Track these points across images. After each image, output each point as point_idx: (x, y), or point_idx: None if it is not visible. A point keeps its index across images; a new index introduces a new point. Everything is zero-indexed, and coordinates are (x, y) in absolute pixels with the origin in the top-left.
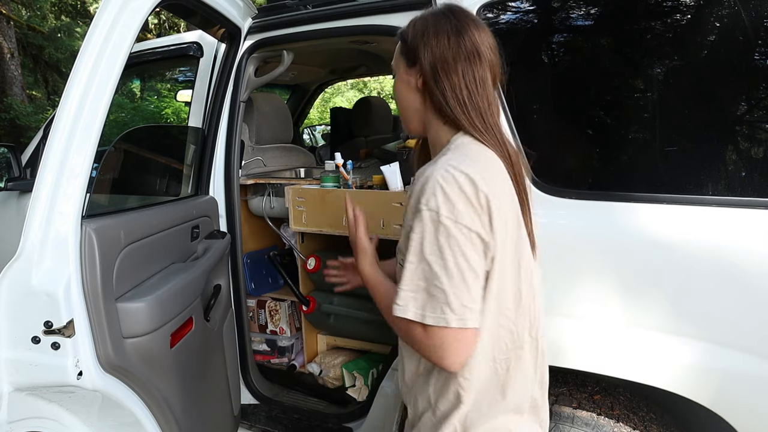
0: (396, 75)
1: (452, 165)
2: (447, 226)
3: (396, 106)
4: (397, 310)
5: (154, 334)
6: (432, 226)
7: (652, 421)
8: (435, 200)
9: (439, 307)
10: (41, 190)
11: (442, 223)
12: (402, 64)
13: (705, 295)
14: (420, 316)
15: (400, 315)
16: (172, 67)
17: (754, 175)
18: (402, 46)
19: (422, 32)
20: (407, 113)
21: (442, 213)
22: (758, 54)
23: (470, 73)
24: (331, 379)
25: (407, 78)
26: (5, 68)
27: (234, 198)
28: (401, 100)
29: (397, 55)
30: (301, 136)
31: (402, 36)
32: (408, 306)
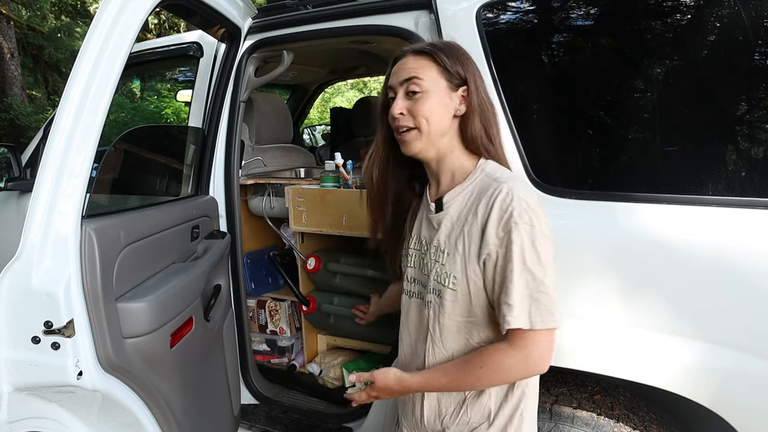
0: (431, 94)
1: (520, 184)
2: (539, 236)
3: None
4: (513, 323)
5: (154, 334)
6: (529, 237)
7: (652, 421)
8: (527, 215)
9: (548, 311)
10: (41, 190)
11: (537, 235)
12: (443, 85)
13: (705, 295)
14: (529, 323)
15: (515, 326)
16: (172, 67)
17: (754, 175)
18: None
19: (467, 65)
20: (434, 133)
21: (535, 226)
22: (758, 54)
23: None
24: (331, 379)
25: (447, 101)
26: (5, 68)
27: (234, 198)
28: (435, 118)
29: (434, 74)
30: (301, 136)
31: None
32: (520, 316)
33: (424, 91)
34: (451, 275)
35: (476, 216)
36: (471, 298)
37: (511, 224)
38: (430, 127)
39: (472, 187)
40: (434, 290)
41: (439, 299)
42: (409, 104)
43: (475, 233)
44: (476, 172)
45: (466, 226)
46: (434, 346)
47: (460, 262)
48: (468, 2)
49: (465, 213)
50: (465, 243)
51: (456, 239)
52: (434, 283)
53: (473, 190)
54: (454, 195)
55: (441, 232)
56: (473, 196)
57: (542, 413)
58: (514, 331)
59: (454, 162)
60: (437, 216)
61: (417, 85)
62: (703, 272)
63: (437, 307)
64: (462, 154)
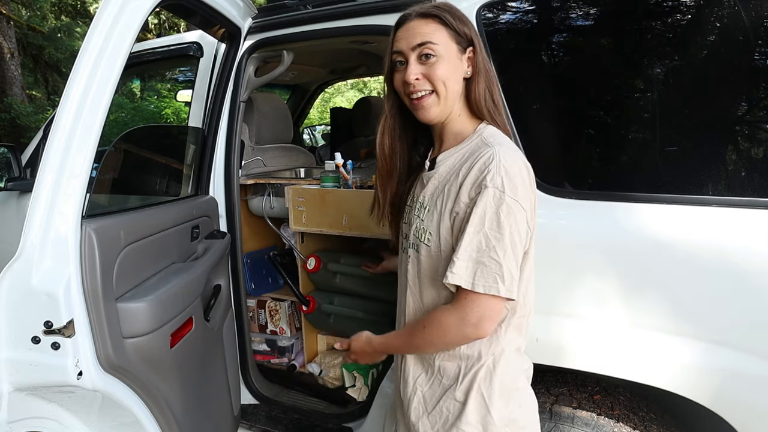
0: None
1: (511, 150)
2: (509, 204)
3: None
4: (451, 278)
5: (154, 334)
6: (494, 202)
7: (652, 421)
8: (500, 180)
9: (492, 277)
10: (41, 190)
11: (505, 201)
12: (454, 49)
13: (705, 295)
14: (471, 285)
15: (452, 282)
16: (172, 67)
17: (754, 175)
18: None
19: (466, 19)
20: (451, 97)
21: (506, 192)
22: (758, 54)
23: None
24: (331, 379)
25: (458, 64)
26: (5, 68)
27: (234, 198)
28: (451, 81)
29: (446, 40)
30: (301, 136)
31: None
32: (461, 274)
33: (438, 55)
34: (427, 231)
35: (457, 176)
36: (441, 254)
37: (482, 186)
38: (447, 90)
39: (466, 149)
40: (413, 245)
41: (416, 254)
42: (423, 69)
43: (452, 192)
44: (473, 136)
45: (447, 184)
46: (413, 300)
47: (436, 219)
48: (468, 2)
49: (451, 173)
50: (443, 201)
51: (437, 197)
52: (413, 237)
53: (465, 152)
54: (448, 155)
55: (427, 189)
56: (464, 158)
57: (542, 413)
58: (458, 291)
59: (458, 125)
60: (428, 174)
61: (431, 49)
62: (703, 272)
63: (415, 262)
64: (466, 118)
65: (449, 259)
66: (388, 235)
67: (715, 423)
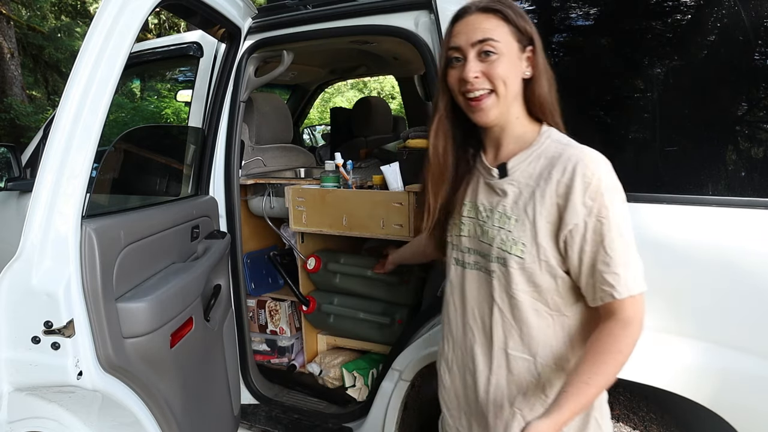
0: (504, 57)
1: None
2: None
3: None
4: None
5: (154, 334)
6: (620, 206)
7: (652, 421)
8: (612, 182)
9: (640, 273)
10: (41, 190)
11: (624, 202)
12: (515, 46)
13: (705, 295)
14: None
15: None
16: (172, 67)
17: (754, 175)
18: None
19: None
20: (510, 97)
21: (620, 191)
22: (758, 54)
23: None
24: (331, 379)
25: (518, 63)
26: (5, 68)
27: (234, 198)
28: (511, 81)
29: (506, 37)
30: (301, 136)
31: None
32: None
33: (499, 53)
34: (519, 242)
35: (548, 182)
36: (540, 265)
37: (601, 192)
38: (507, 90)
39: (539, 153)
40: (498, 258)
41: (504, 268)
42: (483, 67)
43: (548, 200)
44: (541, 138)
45: (538, 191)
46: (503, 319)
47: (529, 228)
48: (468, 2)
49: (535, 179)
50: (536, 209)
51: (525, 205)
52: (498, 251)
53: (540, 156)
54: (520, 160)
55: (508, 198)
56: (542, 162)
57: None
58: (622, 301)
59: (518, 128)
60: (501, 182)
61: (492, 46)
62: (703, 272)
63: (503, 277)
64: (525, 120)
65: (551, 268)
66: (386, 234)
67: (715, 423)
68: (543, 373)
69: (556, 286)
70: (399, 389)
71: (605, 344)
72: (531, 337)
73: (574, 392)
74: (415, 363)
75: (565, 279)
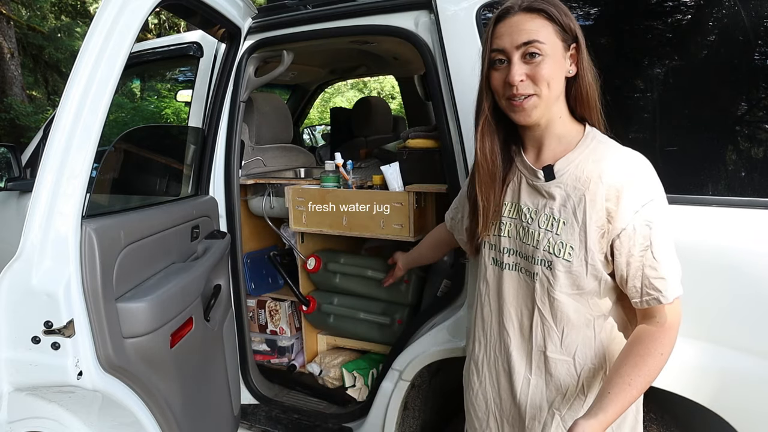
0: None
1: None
2: (667, 208)
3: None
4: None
5: (154, 334)
6: (664, 211)
7: (652, 421)
8: (658, 187)
9: (679, 280)
10: (41, 190)
11: (667, 206)
12: (560, 46)
13: (705, 295)
14: (680, 290)
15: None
16: (172, 67)
17: (753, 175)
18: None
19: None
20: (553, 98)
21: (664, 196)
22: (758, 54)
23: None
24: (331, 379)
25: (562, 63)
26: (5, 68)
27: (234, 198)
28: (555, 82)
29: (551, 36)
30: (301, 136)
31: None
32: (676, 287)
33: (545, 54)
34: (567, 245)
35: (598, 186)
36: (587, 269)
37: (650, 198)
38: (551, 92)
39: (586, 155)
40: (543, 261)
41: (550, 271)
42: (528, 69)
43: (599, 204)
44: (587, 139)
45: (588, 194)
46: (543, 321)
47: (578, 232)
48: (468, 2)
49: (583, 182)
50: (587, 213)
51: (574, 208)
52: (544, 253)
53: (588, 158)
54: (567, 162)
55: (555, 201)
56: (590, 164)
57: None
58: (665, 305)
59: (561, 128)
60: (548, 184)
61: (537, 48)
62: (703, 272)
63: (546, 279)
64: (568, 120)
65: (596, 271)
66: (386, 234)
67: (715, 423)
68: (582, 374)
69: (599, 289)
70: (399, 389)
71: (647, 347)
72: (571, 339)
73: (617, 392)
74: (415, 363)
75: (608, 282)
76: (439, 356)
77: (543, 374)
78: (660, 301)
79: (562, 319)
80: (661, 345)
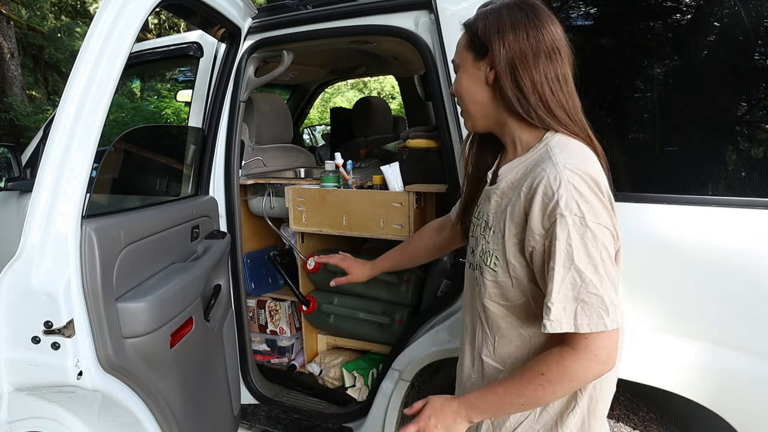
0: (461, 69)
1: (574, 165)
2: (592, 229)
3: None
4: (550, 326)
5: (154, 334)
6: (577, 231)
7: (652, 421)
8: (576, 204)
9: (596, 313)
10: (41, 190)
11: (588, 227)
12: (469, 57)
13: (705, 295)
14: (575, 326)
15: (552, 331)
16: (172, 67)
17: (754, 175)
18: (469, 37)
19: (497, 25)
20: (472, 109)
21: (586, 217)
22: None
23: (551, 70)
24: (331, 379)
25: (475, 72)
26: (5, 68)
27: (234, 198)
28: (467, 95)
29: (461, 49)
30: (301, 136)
31: (470, 27)
32: (561, 320)
33: (457, 69)
34: (493, 255)
35: (519, 196)
36: (511, 282)
37: (557, 215)
38: (465, 103)
39: (529, 162)
40: (477, 266)
41: (481, 277)
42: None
43: (517, 215)
44: (539, 145)
45: (509, 205)
46: (481, 325)
47: (501, 243)
48: (468, 2)
49: (513, 189)
50: (506, 224)
51: (500, 217)
52: (478, 259)
53: (528, 165)
54: (509, 169)
55: (491, 207)
56: (525, 172)
57: None
58: (571, 334)
59: (511, 133)
60: (490, 189)
61: (455, 66)
62: (703, 272)
63: (481, 286)
64: (518, 125)
65: (521, 285)
66: (386, 234)
67: (715, 423)
68: None
69: (528, 303)
70: (399, 389)
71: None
72: (503, 348)
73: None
74: (415, 363)
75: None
76: (439, 356)
77: (481, 377)
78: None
79: (493, 327)
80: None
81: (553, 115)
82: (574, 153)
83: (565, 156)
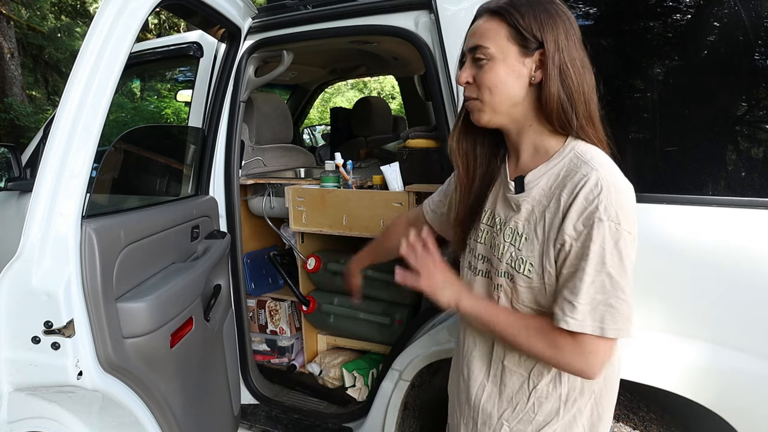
0: (498, 61)
1: (613, 174)
2: (625, 237)
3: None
4: (574, 325)
5: (154, 334)
6: (613, 237)
7: (652, 421)
8: (614, 211)
9: (624, 319)
10: (41, 190)
11: (622, 235)
12: (513, 50)
13: (706, 295)
14: (600, 330)
15: (576, 330)
16: (172, 67)
17: (754, 175)
18: (514, 30)
19: (549, 24)
20: (499, 103)
21: (622, 224)
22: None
23: (591, 80)
24: (331, 379)
25: (518, 67)
26: (5, 68)
27: (234, 198)
28: (501, 88)
29: (502, 40)
30: (301, 136)
31: (510, 16)
32: (586, 321)
33: (491, 59)
34: (527, 262)
35: (559, 202)
36: (545, 288)
37: (595, 219)
38: (493, 98)
39: (558, 169)
40: (506, 274)
41: (512, 284)
42: (476, 72)
43: (556, 221)
44: (564, 151)
45: (548, 212)
46: None
47: (538, 250)
48: (468, 2)
49: (548, 197)
50: (545, 230)
51: (536, 224)
52: (507, 266)
53: (559, 172)
54: (538, 175)
55: (521, 214)
56: (559, 179)
57: None
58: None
59: (534, 137)
60: (517, 197)
61: (483, 54)
62: (703, 272)
63: (510, 292)
64: (542, 129)
65: (554, 290)
66: None
67: (716, 423)
68: (534, 392)
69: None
70: (399, 389)
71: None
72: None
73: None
74: (415, 363)
75: None
76: (439, 356)
77: (498, 384)
78: (569, 326)
79: None
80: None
81: (593, 125)
82: (606, 161)
83: (600, 161)
